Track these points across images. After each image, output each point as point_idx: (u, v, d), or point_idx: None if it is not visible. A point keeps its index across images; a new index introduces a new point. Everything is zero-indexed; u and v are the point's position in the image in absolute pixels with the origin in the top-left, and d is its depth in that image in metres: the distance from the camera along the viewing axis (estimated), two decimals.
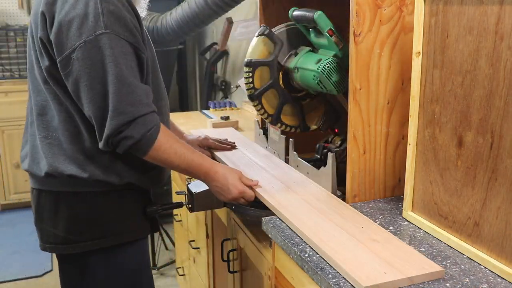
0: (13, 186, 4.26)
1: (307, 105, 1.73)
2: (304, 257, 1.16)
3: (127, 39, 1.33)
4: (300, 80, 1.60)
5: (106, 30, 1.29)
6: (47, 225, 1.47)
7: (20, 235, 3.79)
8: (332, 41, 1.48)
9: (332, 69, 1.47)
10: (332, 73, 1.47)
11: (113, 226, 1.47)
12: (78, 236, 1.45)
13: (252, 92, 1.65)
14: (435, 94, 1.21)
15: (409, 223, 1.32)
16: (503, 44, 1.01)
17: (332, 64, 1.47)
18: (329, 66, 1.47)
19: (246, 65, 1.64)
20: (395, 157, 1.47)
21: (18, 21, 4.49)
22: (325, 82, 1.48)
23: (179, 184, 2.67)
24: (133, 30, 1.35)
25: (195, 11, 2.97)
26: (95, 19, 1.29)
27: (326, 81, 1.47)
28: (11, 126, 4.16)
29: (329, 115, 1.68)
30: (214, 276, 2.16)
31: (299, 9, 1.57)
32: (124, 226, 1.49)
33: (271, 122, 1.72)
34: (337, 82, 1.48)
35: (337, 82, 1.48)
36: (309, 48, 1.62)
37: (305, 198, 1.45)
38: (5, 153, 4.19)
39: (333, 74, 1.47)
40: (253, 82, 1.65)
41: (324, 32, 1.48)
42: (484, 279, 1.05)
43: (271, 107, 1.70)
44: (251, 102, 1.68)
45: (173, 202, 1.75)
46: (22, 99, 4.13)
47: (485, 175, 1.08)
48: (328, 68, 1.47)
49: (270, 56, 1.66)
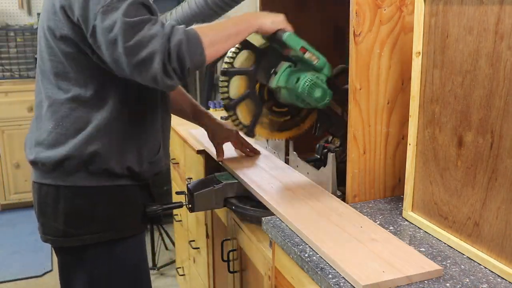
0: (13, 186, 4.26)
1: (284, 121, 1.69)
2: (304, 257, 1.16)
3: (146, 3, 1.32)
4: (284, 98, 1.55)
5: None
6: (49, 218, 1.49)
7: (20, 235, 3.79)
8: (305, 58, 1.45)
9: (312, 86, 1.43)
10: (313, 91, 1.44)
11: (112, 221, 1.49)
12: (77, 229, 1.47)
13: (228, 102, 1.56)
14: (435, 94, 1.21)
15: (409, 223, 1.32)
16: (503, 44, 1.01)
17: (311, 82, 1.43)
18: (308, 85, 1.43)
19: (222, 74, 1.55)
20: (395, 157, 1.47)
21: (18, 21, 4.50)
22: (308, 100, 1.46)
23: (179, 184, 2.67)
24: None
25: (195, 11, 2.97)
26: None
27: (309, 98, 1.45)
28: (11, 126, 4.16)
29: (322, 121, 1.65)
30: (214, 276, 2.16)
31: None
32: (123, 221, 1.51)
33: (246, 134, 1.62)
34: (319, 97, 1.45)
35: (319, 97, 1.45)
36: (288, 64, 1.54)
37: (305, 198, 1.45)
38: (5, 153, 4.19)
39: (314, 91, 1.44)
40: (228, 92, 1.55)
41: (297, 52, 1.45)
42: (484, 279, 1.05)
43: (247, 118, 1.60)
44: (226, 112, 1.59)
45: (173, 202, 1.75)
46: (22, 99, 4.13)
47: (485, 175, 1.08)
48: (307, 87, 1.43)
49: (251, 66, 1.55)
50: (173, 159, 2.72)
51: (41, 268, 3.31)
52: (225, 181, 1.68)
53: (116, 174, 1.47)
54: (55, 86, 1.45)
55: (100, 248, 1.50)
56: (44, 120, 1.48)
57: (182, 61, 1.27)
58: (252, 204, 1.61)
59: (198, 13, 2.96)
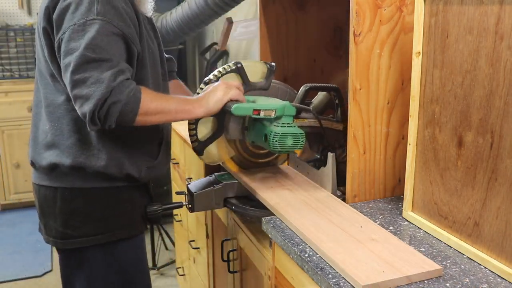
0: (13, 186, 4.25)
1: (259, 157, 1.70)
2: (304, 257, 1.16)
3: (119, 28, 1.34)
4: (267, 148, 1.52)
5: (98, 16, 1.31)
6: (49, 219, 1.51)
7: (20, 235, 3.79)
8: (262, 117, 1.44)
9: (281, 138, 1.42)
10: (284, 142, 1.43)
11: (110, 222, 1.50)
12: (75, 231, 1.48)
13: (196, 145, 1.54)
14: (435, 94, 1.21)
15: (409, 223, 1.32)
16: (503, 44, 1.01)
17: (277, 137, 1.42)
18: (276, 140, 1.42)
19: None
20: (395, 157, 1.47)
21: (18, 21, 4.49)
22: (284, 150, 1.46)
23: (179, 184, 2.67)
24: (127, 21, 1.36)
25: (195, 11, 2.97)
26: (90, 5, 1.31)
27: (284, 150, 1.45)
28: (11, 126, 4.16)
29: (311, 139, 1.64)
30: (214, 276, 2.16)
31: None
32: (121, 222, 1.52)
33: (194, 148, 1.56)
34: (292, 144, 1.44)
35: (292, 144, 1.44)
36: None
37: (305, 198, 1.45)
38: (5, 153, 4.19)
39: (285, 141, 1.43)
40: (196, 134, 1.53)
41: (252, 117, 1.44)
42: (484, 279, 1.05)
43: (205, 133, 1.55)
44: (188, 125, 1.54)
45: (173, 202, 1.75)
46: (22, 99, 4.13)
47: (485, 175, 1.08)
48: (277, 142, 1.42)
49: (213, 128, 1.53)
50: (173, 159, 2.72)
51: (41, 268, 3.31)
52: (225, 181, 1.68)
53: (114, 176, 1.47)
54: (52, 87, 1.45)
55: (99, 249, 1.50)
56: (42, 120, 1.49)
57: (109, 117, 1.30)
58: (252, 204, 1.61)
59: (198, 13, 2.96)
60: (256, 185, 1.57)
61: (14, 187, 4.26)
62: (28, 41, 4.29)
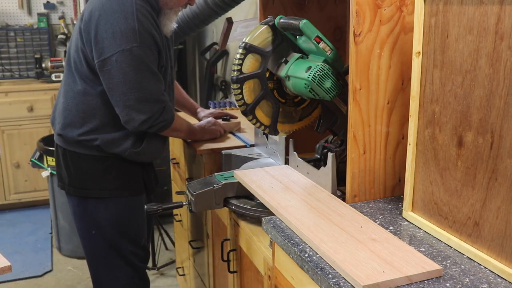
0: (13, 186, 4.26)
1: (303, 109, 1.72)
2: (304, 257, 1.16)
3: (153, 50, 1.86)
4: (292, 88, 1.56)
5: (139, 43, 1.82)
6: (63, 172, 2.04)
7: (20, 235, 3.79)
8: (320, 48, 1.46)
9: (323, 76, 1.44)
10: (323, 80, 1.44)
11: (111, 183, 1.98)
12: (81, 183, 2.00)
13: (245, 108, 1.59)
14: (435, 94, 1.21)
15: (409, 223, 1.32)
16: (503, 44, 1.01)
17: (323, 72, 1.44)
18: (319, 74, 1.44)
19: (233, 82, 1.58)
20: (395, 157, 1.47)
21: (18, 21, 4.49)
22: (317, 90, 1.46)
23: (179, 184, 2.67)
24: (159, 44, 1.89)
25: (195, 12, 2.97)
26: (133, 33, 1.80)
27: (318, 88, 1.45)
28: (11, 126, 4.16)
29: (326, 117, 1.66)
30: (214, 276, 2.16)
31: (285, 17, 1.54)
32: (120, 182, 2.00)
33: (269, 133, 1.69)
34: (329, 88, 1.45)
35: (329, 88, 1.45)
36: (299, 55, 1.57)
37: (305, 198, 1.45)
38: (5, 153, 4.19)
39: (324, 81, 1.44)
40: (243, 98, 1.59)
41: (311, 40, 1.45)
42: (484, 279, 1.05)
43: (266, 118, 1.65)
44: (245, 117, 1.63)
45: (173, 202, 1.76)
46: (22, 99, 4.13)
47: (485, 175, 1.08)
48: (318, 76, 1.44)
49: (259, 68, 1.59)
50: (173, 159, 2.72)
51: (41, 268, 3.31)
52: (225, 181, 1.68)
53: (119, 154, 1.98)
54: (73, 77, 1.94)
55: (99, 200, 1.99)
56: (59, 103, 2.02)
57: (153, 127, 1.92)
58: (252, 204, 1.61)
59: (198, 13, 2.96)
60: (256, 185, 1.57)
61: (14, 187, 4.26)
62: (28, 41, 4.29)
